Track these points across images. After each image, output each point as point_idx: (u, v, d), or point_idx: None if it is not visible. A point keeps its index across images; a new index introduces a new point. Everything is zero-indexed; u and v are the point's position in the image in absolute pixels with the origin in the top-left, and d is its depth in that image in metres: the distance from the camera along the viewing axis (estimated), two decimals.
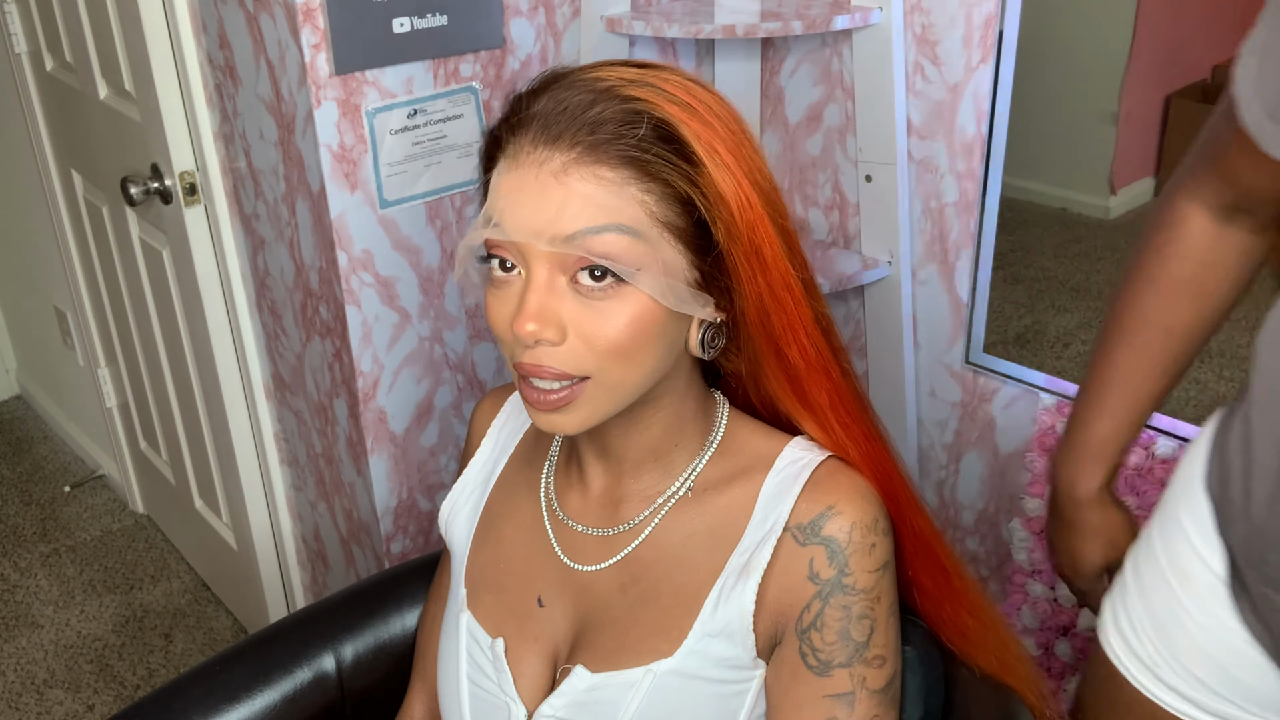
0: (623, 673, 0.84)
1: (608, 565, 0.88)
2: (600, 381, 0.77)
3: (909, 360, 1.65)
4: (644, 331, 0.76)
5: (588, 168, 0.73)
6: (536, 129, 0.75)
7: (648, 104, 0.75)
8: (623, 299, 0.75)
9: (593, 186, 0.73)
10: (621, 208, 0.74)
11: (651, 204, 0.74)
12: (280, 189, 1.55)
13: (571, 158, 0.73)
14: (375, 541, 1.69)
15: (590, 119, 0.74)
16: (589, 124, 0.74)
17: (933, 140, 1.53)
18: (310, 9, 1.34)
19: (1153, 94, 1.36)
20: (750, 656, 0.84)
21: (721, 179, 0.75)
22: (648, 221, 0.74)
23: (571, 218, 0.73)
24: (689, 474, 0.87)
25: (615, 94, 0.75)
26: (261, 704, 1.09)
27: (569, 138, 0.74)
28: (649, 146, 0.74)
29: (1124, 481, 1.44)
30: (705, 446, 0.88)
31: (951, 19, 1.45)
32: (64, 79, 2.05)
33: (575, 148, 0.73)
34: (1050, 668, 1.62)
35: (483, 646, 0.92)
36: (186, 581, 2.43)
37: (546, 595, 0.91)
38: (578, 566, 0.89)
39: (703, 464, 0.87)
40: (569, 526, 0.91)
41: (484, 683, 0.92)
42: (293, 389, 1.78)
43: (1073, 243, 1.47)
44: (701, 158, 0.75)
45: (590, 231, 0.73)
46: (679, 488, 0.87)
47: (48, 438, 3.00)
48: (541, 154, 0.74)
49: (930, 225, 1.58)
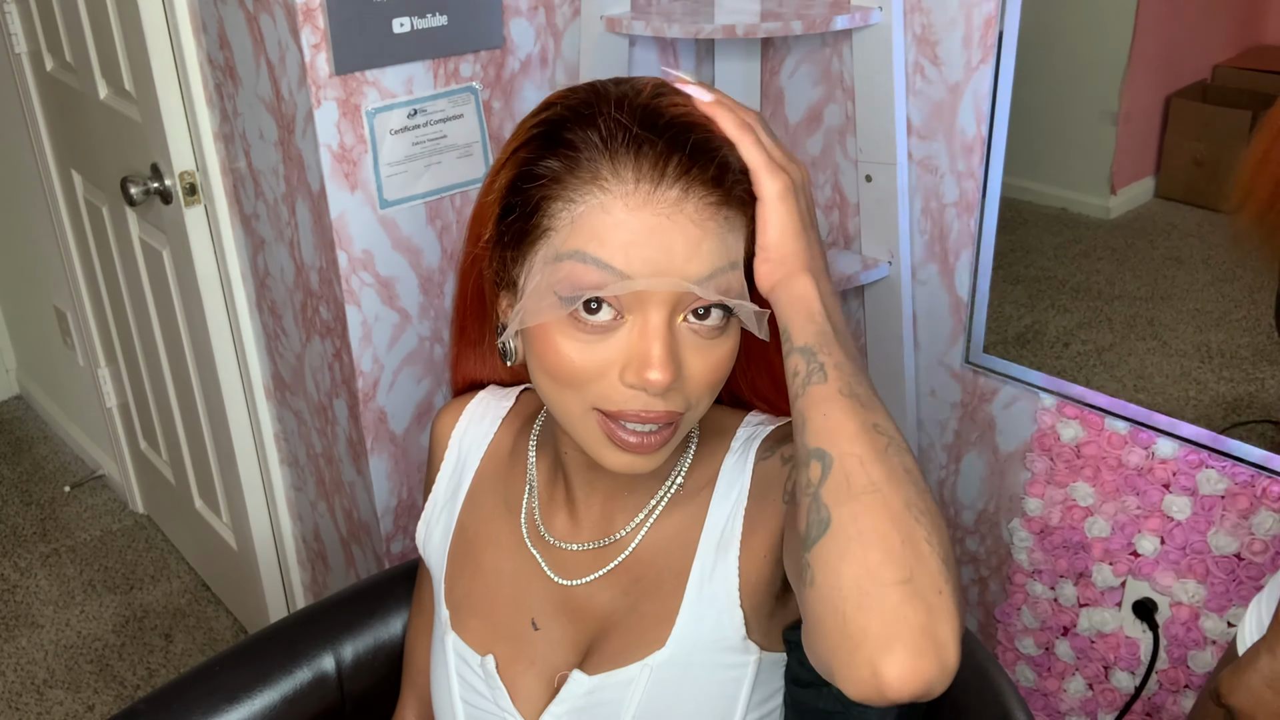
0: (619, 671, 0.84)
1: (606, 571, 0.87)
2: (689, 417, 0.76)
3: (909, 360, 1.65)
4: (732, 363, 0.76)
5: (718, 209, 0.71)
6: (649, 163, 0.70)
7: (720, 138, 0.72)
8: (728, 334, 0.75)
9: (721, 227, 0.72)
10: (736, 245, 0.73)
11: (747, 240, 0.74)
12: (280, 189, 1.55)
13: (701, 196, 0.70)
14: (375, 541, 1.69)
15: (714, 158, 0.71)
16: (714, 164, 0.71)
17: (933, 140, 1.53)
18: (310, 9, 1.34)
19: (1153, 94, 1.36)
20: (739, 636, 0.82)
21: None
22: (742, 257, 0.74)
23: (706, 259, 0.71)
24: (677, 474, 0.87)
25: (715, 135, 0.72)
26: (261, 704, 1.10)
27: (699, 177, 0.70)
28: (746, 184, 0.72)
29: (1124, 481, 1.44)
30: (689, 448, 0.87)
31: (951, 19, 1.45)
32: (64, 79, 2.05)
33: (705, 187, 0.70)
34: (1051, 667, 1.62)
35: (472, 665, 0.92)
36: (186, 581, 2.43)
37: (541, 618, 0.90)
38: (572, 583, 0.89)
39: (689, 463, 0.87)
40: (558, 549, 0.90)
41: (479, 701, 0.91)
42: (293, 389, 1.78)
43: (1073, 243, 1.47)
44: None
45: (722, 272, 0.72)
46: (668, 488, 0.87)
47: (48, 438, 3.00)
48: (671, 191, 0.70)
49: (930, 225, 1.58)
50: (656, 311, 0.71)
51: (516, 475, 0.95)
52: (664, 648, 0.83)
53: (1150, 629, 1.47)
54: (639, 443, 0.74)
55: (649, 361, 0.70)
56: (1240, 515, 1.34)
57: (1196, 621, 1.42)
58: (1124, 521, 1.45)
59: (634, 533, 0.87)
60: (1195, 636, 1.43)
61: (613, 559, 0.87)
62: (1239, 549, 1.36)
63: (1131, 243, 1.42)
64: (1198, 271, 1.35)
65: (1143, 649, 1.49)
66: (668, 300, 0.71)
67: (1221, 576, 1.38)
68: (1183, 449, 1.38)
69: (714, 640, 0.83)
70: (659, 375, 0.70)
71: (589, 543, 0.89)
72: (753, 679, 0.84)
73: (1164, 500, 1.40)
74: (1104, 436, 1.45)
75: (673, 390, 0.73)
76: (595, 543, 0.88)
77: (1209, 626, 1.41)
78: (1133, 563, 1.46)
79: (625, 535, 0.87)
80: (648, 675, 0.83)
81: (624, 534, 0.87)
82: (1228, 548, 1.36)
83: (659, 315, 0.71)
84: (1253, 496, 1.33)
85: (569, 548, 0.89)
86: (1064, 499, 1.51)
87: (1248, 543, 1.34)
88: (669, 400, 0.73)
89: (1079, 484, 1.49)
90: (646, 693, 0.83)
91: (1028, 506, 1.56)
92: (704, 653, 0.83)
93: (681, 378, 0.73)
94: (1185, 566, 1.41)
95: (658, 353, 0.70)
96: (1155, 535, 1.43)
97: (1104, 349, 1.45)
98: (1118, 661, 1.52)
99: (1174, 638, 1.45)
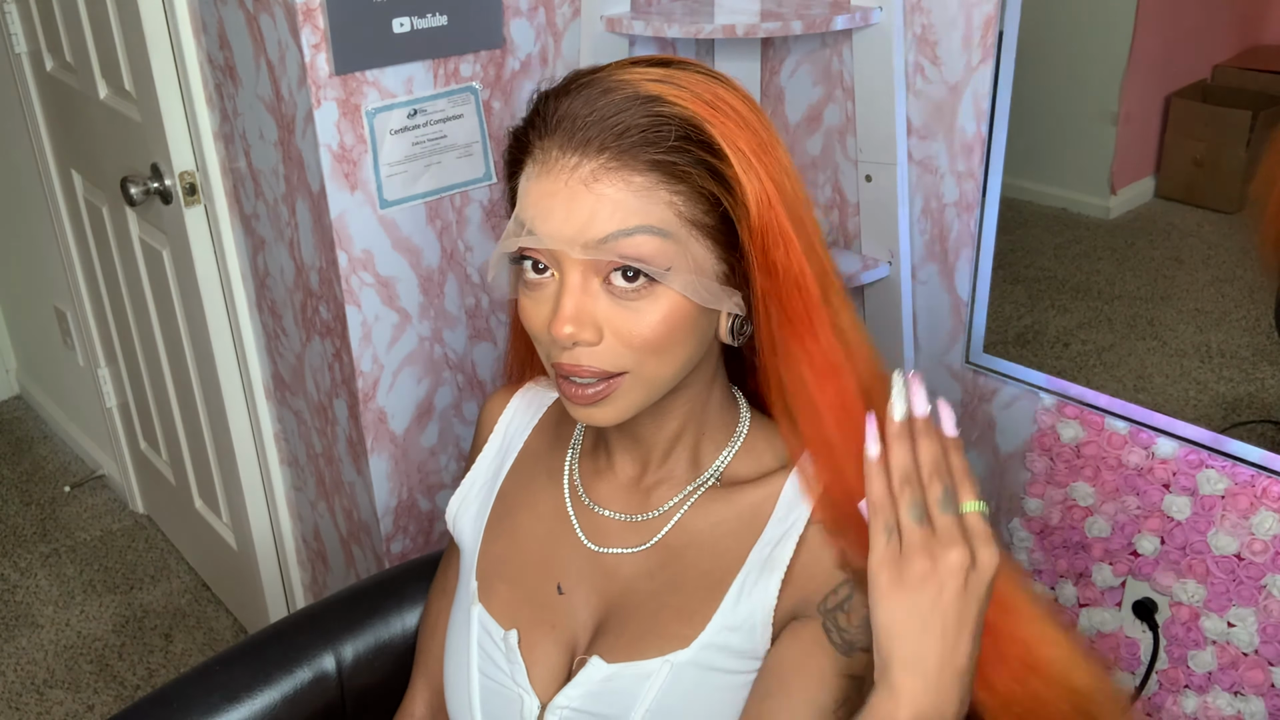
0: (640, 663, 0.85)
1: (638, 550, 0.89)
2: (637, 375, 0.79)
3: (909, 360, 1.65)
4: (677, 327, 0.77)
5: (617, 173, 0.74)
6: (564, 134, 0.76)
7: (674, 105, 0.75)
8: (655, 298, 0.76)
9: (622, 192, 0.74)
10: (651, 210, 0.75)
11: (680, 204, 0.75)
12: (280, 189, 1.55)
13: (600, 163, 0.74)
14: (375, 541, 1.69)
15: (618, 124, 0.74)
16: (617, 129, 0.74)
17: (933, 140, 1.53)
18: (310, 9, 1.34)
19: (1153, 94, 1.36)
20: (764, 648, 0.84)
21: (745, 178, 0.76)
22: (676, 221, 0.76)
23: (603, 223, 0.74)
24: (719, 464, 0.88)
25: (641, 96, 0.75)
26: (261, 704, 1.09)
27: (598, 143, 0.74)
28: (677, 148, 0.75)
29: (1124, 480, 1.44)
30: (733, 439, 0.89)
31: (951, 19, 1.45)
32: (64, 79, 2.05)
33: (604, 153, 0.74)
34: None
35: (495, 639, 0.92)
36: (186, 581, 2.43)
37: (567, 582, 0.91)
38: (604, 550, 0.90)
39: (730, 456, 0.89)
40: (595, 512, 0.92)
41: (496, 675, 0.92)
42: (293, 389, 1.78)
43: (1073, 243, 1.47)
44: (727, 155, 0.76)
45: (621, 235, 0.74)
46: (709, 477, 0.88)
47: (48, 438, 3.00)
48: (571, 160, 0.75)
49: (930, 225, 1.58)
50: (571, 270, 0.76)
51: (561, 443, 0.97)
52: (688, 648, 0.84)
53: (1150, 629, 1.47)
54: (577, 394, 0.79)
55: (558, 316, 0.76)
56: (1240, 515, 1.34)
57: (1196, 621, 1.42)
58: (1124, 521, 1.45)
59: (671, 512, 0.88)
60: (1195, 636, 1.43)
61: (648, 536, 0.89)
62: (1239, 549, 1.36)
63: (1131, 243, 1.42)
64: (1198, 271, 1.35)
65: (1143, 649, 1.49)
66: (582, 262, 0.76)
67: (1221, 576, 1.38)
68: (1183, 449, 1.38)
69: (740, 650, 0.84)
70: (566, 329, 0.75)
71: (625, 514, 0.90)
72: None
73: (1164, 500, 1.40)
74: (1104, 436, 1.45)
75: (597, 348, 0.77)
76: (631, 516, 0.90)
77: (1209, 626, 1.41)
78: (1133, 563, 1.46)
79: (660, 515, 0.89)
80: (667, 671, 0.84)
81: (659, 514, 0.89)
82: (1228, 548, 1.36)
83: (573, 274, 0.76)
84: (1253, 496, 1.33)
85: (605, 513, 0.91)
86: (1064, 499, 1.51)
87: (1248, 543, 1.34)
88: (596, 358, 0.77)
89: (1079, 484, 1.49)
90: (663, 688, 0.84)
91: (1028, 506, 1.56)
92: (728, 659, 0.84)
93: (607, 337, 0.77)
94: (1185, 566, 1.41)
95: (565, 308, 0.76)
96: (1155, 535, 1.43)
97: (1104, 349, 1.45)
98: (1118, 661, 1.52)
99: (1174, 638, 1.45)
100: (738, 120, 0.77)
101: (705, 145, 0.75)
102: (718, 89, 0.78)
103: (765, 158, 0.77)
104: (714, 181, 0.76)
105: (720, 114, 0.76)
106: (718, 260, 0.78)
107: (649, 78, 0.77)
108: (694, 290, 0.76)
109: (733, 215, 0.77)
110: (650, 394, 0.81)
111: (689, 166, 0.75)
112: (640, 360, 0.78)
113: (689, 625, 0.84)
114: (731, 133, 0.76)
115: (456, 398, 1.65)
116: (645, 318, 0.76)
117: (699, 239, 0.77)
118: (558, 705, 0.87)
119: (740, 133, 0.76)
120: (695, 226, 0.76)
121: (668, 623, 0.85)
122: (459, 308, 1.60)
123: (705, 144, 0.75)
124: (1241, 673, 1.39)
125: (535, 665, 0.90)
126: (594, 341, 0.77)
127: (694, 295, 0.77)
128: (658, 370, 0.79)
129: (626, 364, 0.78)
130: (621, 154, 0.74)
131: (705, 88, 0.77)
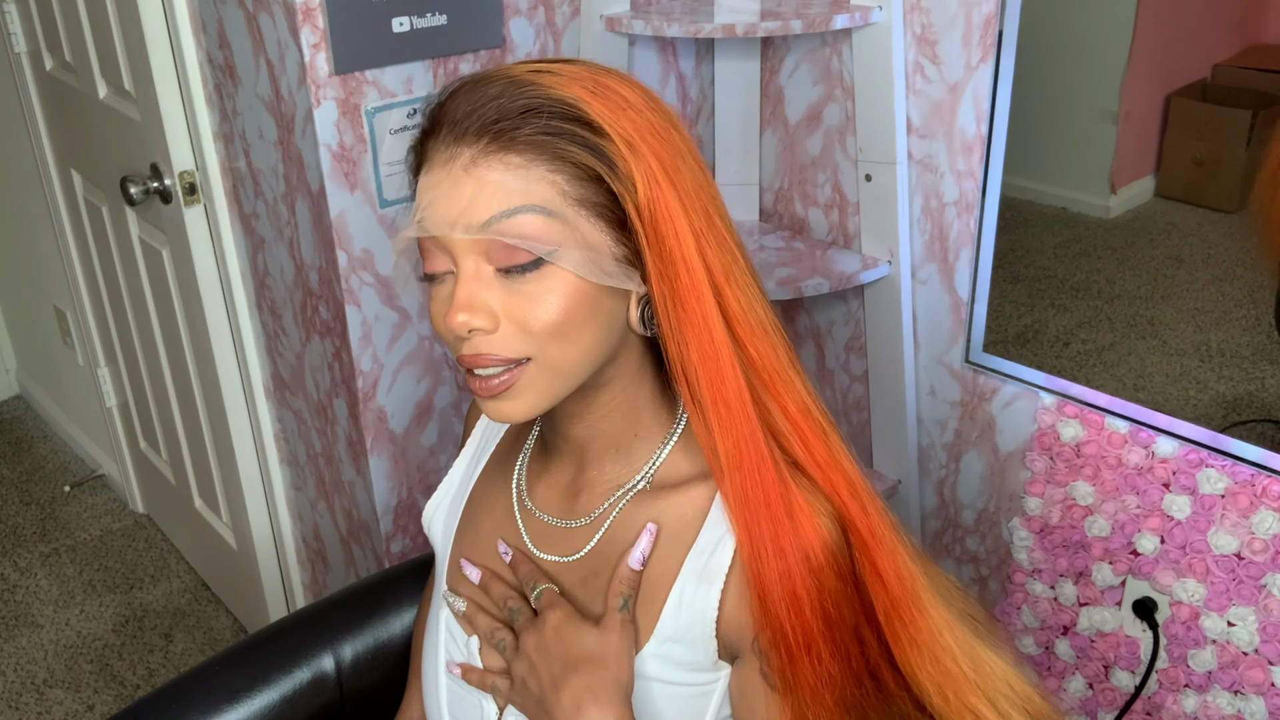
0: None
1: (572, 559, 0.88)
2: (541, 363, 0.77)
3: (909, 360, 1.65)
4: (576, 308, 0.76)
5: (494, 156, 0.74)
6: (446, 128, 0.76)
7: (549, 88, 0.75)
8: (549, 279, 0.75)
9: (500, 173, 0.74)
10: (532, 189, 0.74)
11: (563, 183, 0.75)
12: (280, 189, 1.55)
13: (480, 148, 0.74)
14: (375, 541, 1.69)
15: (494, 109, 0.75)
16: (493, 115, 0.74)
17: (933, 140, 1.53)
18: (310, 9, 1.33)
19: (1153, 94, 1.36)
20: (711, 660, 0.83)
21: (629, 155, 0.75)
22: (561, 200, 0.75)
23: (484, 205, 0.74)
24: (649, 467, 0.86)
25: (517, 83, 0.76)
26: (261, 704, 1.09)
27: (475, 130, 0.75)
28: (553, 127, 0.74)
29: (1124, 480, 1.44)
30: (666, 438, 0.87)
31: (951, 19, 1.45)
32: (64, 79, 2.05)
33: (482, 138, 0.74)
34: (1051, 667, 1.62)
35: (459, 644, 0.92)
36: (186, 581, 2.43)
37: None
38: (544, 556, 0.89)
39: (663, 457, 0.86)
40: (536, 516, 0.91)
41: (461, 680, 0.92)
42: (293, 389, 1.78)
43: (1073, 242, 1.47)
44: (607, 132, 0.75)
45: (503, 215, 0.74)
46: (638, 480, 0.86)
47: (48, 437, 3.00)
48: (452, 151, 0.75)
49: (930, 225, 1.58)
50: (463, 259, 0.76)
51: (518, 446, 0.97)
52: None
53: (1150, 628, 1.47)
54: (482, 387, 0.78)
55: (452, 306, 0.76)
56: (1240, 514, 1.34)
57: (1196, 621, 1.42)
58: (1124, 521, 1.45)
59: (600, 519, 0.87)
60: (1195, 636, 1.43)
61: (580, 545, 0.87)
62: (1239, 548, 1.36)
63: (1131, 242, 1.42)
64: (1198, 271, 1.35)
65: (1143, 648, 1.49)
66: (472, 249, 0.75)
67: (1221, 576, 1.38)
68: (1183, 448, 1.38)
69: (685, 661, 0.83)
70: (460, 317, 0.75)
71: (560, 519, 0.89)
72: (722, 694, 0.85)
73: (1164, 499, 1.40)
74: (1104, 435, 1.45)
75: (495, 336, 0.76)
76: (565, 521, 0.89)
77: (1209, 626, 1.41)
78: (1133, 562, 1.46)
79: (591, 521, 0.87)
80: None
81: (591, 519, 0.87)
82: (1228, 547, 1.36)
83: (468, 264, 0.76)
84: (1253, 496, 1.33)
85: (544, 518, 0.90)
86: (1064, 498, 1.51)
87: (1248, 542, 1.34)
88: (494, 345, 0.76)
89: (1079, 483, 1.49)
90: None
91: (1027, 506, 1.56)
92: (674, 671, 0.83)
93: (504, 324, 0.76)
94: (1185, 566, 1.41)
95: (458, 296, 0.75)
96: (1155, 534, 1.43)
97: (1104, 348, 1.45)
98: (1118, 661, 1.52)
99: (1174, 637, 1.45)
100: (620, 102, 0.76)
101: (583, 123, 0.75)
102: (603, 77, 0.77)
103: (652, 139, 0.76)
104: (595, 159, 0.75)
105: (600, 97, 0.76)
106: (614, 242, 0.77)
107: (529, 69, 0.77)
108: (585, 268, 0.75)
109: (617, 193, 0.75)
110: (560, 384, 0.79)
111: (568, 144, 0.74)
112: (541, 345, 0.76)
113: None
114: (611, 115, 0.75)
115: (456, 398, 1.65)
116: (542, 301, 0.75)
117: (588, 218, 0.75)
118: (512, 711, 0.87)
119: (623, 114, 0.76)
120: (582, 205, 0.75)
121: None
122: None
123: (584, 122, 0.75)
124: (1241, 672, 1.39)
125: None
126: (490, 329, 0.76)
127: (586, 273, 0.75)
128: (562, 356, 0.77)
129: (527, 349, 0.76)
130: (499, 136, 0.74)
131: (587, 74, 0.77)
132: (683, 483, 0.85)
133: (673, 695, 0.84)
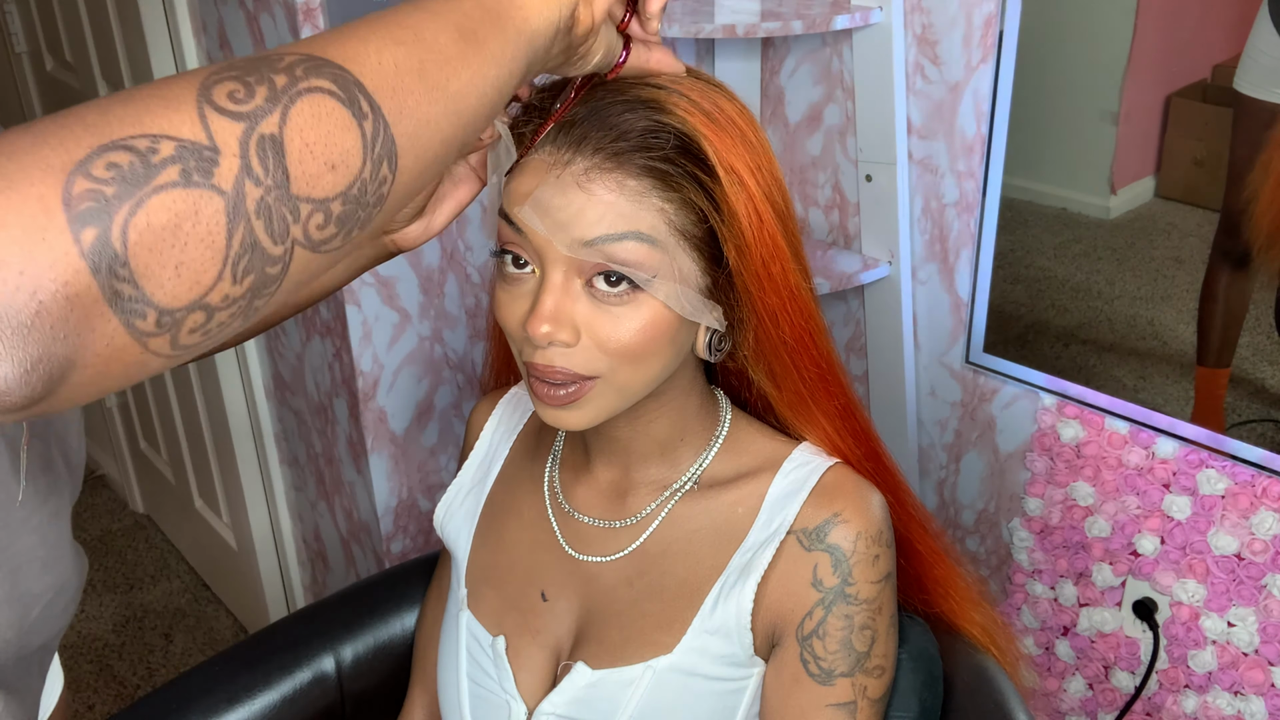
0: (622, 669, 0.85)
1: (616, 558, 0.88)
2: (610, 381, 0.77)
3: (909, 360, 1.65)
4: (656, 337, 0.77)
5: (610, 175, 0.73)
6: (560, 128, 0.75)
7: (672, 115, 0.74)
8: (637, 305, 0.75)
9: (616, 194, 0.73)
10: (641, 216, 0.74)
11: (670, 213, 0.75)
12: None
13: (595, 163, 0.73)
14: (375, 541, 1.69)
15: (616, 126, 0.73)
16: (614, 131, 0.73)
17: (933, 140, 1.53)
18: (310, 8, 1.33)
19: (1153, 94, 1.36)
20: (747, 654, 0.84)
21: (735, 195, 0.75)
22: (666, 230, 0.75)
23: (593, 223, 0.73)
24: (696, 468, 0.88)
25: (641, 100, 0.75)
26: (261, 704, 1.09)
27: (593, 143, 0.73)
28: (672, 158, 0.74)
29: (1124, 480, 1.44)
30: (711, 442, 0.89)
31: (951, 19, 1.45)
32: (64, 79, 2.05)
33: (599, 153, 0.73)
34: (1051, 667, 1.62)
35: (483, 645, 0.93)
36: (186, 581, 2.43)
37: (550, 589, 0.91)
38: (584, 558, 0.90)
39: (709, 459, 0.88)
40: (575, 519, 0.91)
41: (484, 681, 0.92)
42: (293, 389, 1.78)
43: (1073, 243, 1.47)
44: (719, 174, 0.75)
45: (611, 239, 0.73)
46: (686, 481, 0.88)
47: None
48: (565, 155, 0.74)
49: (930, 225, 1.58)
50: (553, 269, 0.75)
51: (544, 447, 0.97)
52: (670, 654, 0.84)
53: (1150, 629, 1.47)
54: (547, 394, 0.77)
55: (535, 314, 0.75)
56: (1240, 515, 1.34)
57: (1196, 621, 1.42)
58: (1124, 521, 1.45)
59: (648, 519, 0.88)
60: (1195, 636, 1.43)
61: (626, 543, 0.88)
62: (1239, 549, 1.36)
63: (1131, 243, 1.42)
64: (1198, 271, 1.35)
65: (1143, 649, 1.49)
66: (564, 260, 0.74)
67: (1222, 576, 1.38)
68: (1183, 449, 1.38)
69: (721, 655, 0.84)
70: (544, 328, 0.74)
71: (604, 520, 0.90)
72: (754, 690, 0.86)
73: (1164, 500, 1.40)
74: (1104, 436, 1.45)
75: (572, 350, 0.76)
76: (609, 522, 0.89)
77: (1209, 626, 1.41)
78: (1133, 562, 1.46)
79: (639, 521, 0.88)
80: (650, 677, 0.84)
81: (638, 519, 0.88)
82: (1228, 547, 1.36)
83: (555, 273, 0.75)
84: (1253, 496, 1.33)
85: (584, 519, 0.91)
86: (1064, 499, 1.51)
87: (1248, 542, 1.34)
88: (570, 360, 0.76)
89: (1079, 484, 1.49)
90: (647, 694, 0.84)
91: (1028, 506, 1.56)
92: (710, 665, 0.84)
93: (584, 339, 0.76)
94: (1185, 566, 1.41)
95: (544, 305, 0.74)
96: (1155, 535, 1.43)
97: (1104, 349, 1.45)
98: (1118, 661, 1.52)
99: (1174, 637, 1.45)
100: (736, 135, 0.76)
101: (699, 161, 0.75)
102: (718, 99, 0.77)
103: (759, 175, 0.77)
104: (703, 196, 0.75)
105: (718, 128, 0.75)
106: (702, 273, 0.78)
107: (654, 84, 0.76)
108: (677, 300, 0.76)
109: (719, 232, 0.76)
110: (622, 401, 0.80)
111: (683, 177, 0.74)
112: (614, 366, 0.77)
113: (669, 632, 0.85)
114: (727, 150, 0.75)
115: (456, 398, 1.65)
116: (625, 324, 0.75)
117: (686, 250, 0.76)
118: (544, 711, 0.87)
119: (735, 149, 0.76)
120: (684, 237, 0.76)
121: (648, 629, 0.85)
122: (459, 307, 1.60)
123: (699, 159, 0.75)
124: (1241, 672, 1.39)
125: (522, 671, 0.90)
126: (570, 343, 0.75)
127: (677, 306, 0.76)
128: (631, 378, 0.78)
129: (600, 369, 0.77)
130: (617, 156, 0.73)
131: (704, 96, 0.76)
132: (731, 481, 0.87)
133: (705, 691, 0.84)
